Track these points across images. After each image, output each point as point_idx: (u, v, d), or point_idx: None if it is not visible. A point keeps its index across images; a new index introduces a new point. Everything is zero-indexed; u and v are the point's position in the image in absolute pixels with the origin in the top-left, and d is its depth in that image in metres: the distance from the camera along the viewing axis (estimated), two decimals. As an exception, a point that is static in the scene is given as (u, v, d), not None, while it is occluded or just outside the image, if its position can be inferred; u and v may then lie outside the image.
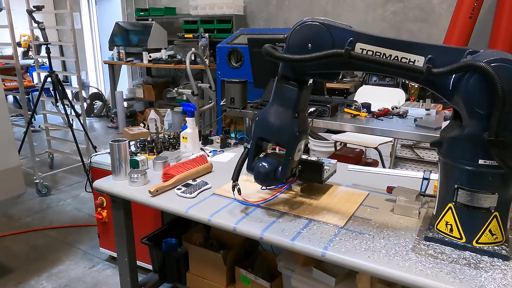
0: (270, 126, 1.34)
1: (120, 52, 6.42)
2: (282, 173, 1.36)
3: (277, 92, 1.34)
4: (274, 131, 1.34)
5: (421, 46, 1.16)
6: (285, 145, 1.36)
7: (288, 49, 1.25)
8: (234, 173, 1.43)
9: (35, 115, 5.10)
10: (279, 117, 1.33)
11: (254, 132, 1.38)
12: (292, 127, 1.33)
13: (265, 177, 1.37)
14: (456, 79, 1.12)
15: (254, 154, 1.40)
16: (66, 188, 4.12)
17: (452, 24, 4.19)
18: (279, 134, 1.34)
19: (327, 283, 1.61)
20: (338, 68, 1.30)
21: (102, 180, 1.77)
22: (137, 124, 6.43)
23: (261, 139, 1.39)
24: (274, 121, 1.33)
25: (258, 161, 1.38)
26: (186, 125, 2.09)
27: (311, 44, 1.21)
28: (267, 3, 5.84)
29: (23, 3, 3.87)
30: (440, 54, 1.15)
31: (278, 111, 1.33)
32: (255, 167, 1.38)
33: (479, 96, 1.07)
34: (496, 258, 1.15)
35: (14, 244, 3.06)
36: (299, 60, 1.21)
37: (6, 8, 3.51)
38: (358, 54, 1.18)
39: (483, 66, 1.03)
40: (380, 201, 1.54)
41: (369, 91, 3.93)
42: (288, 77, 1.30)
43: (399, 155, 3.77)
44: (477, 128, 1.10)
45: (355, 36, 1.19)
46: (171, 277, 2.19)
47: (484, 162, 1.12)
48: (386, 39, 1.19)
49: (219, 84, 4.46)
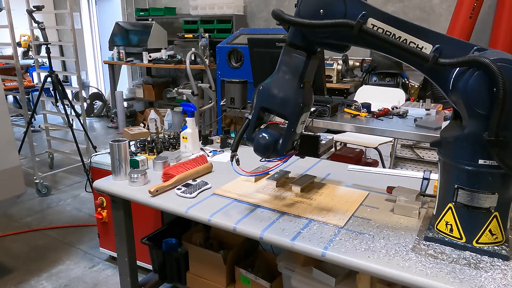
0: (274, 95, 1.29)
1: (120, 52, 6.42)
2: (282, 145, 1.32)
3: (283, 60, 1.29)
4: (278, 101, 1.29)
5: (431, 34, 1.15)
6: (288, 116, 1.31)
7: (298, 14, 1.21)
8: (233, 143, 1.38)
9: (35, 115, 5.10)
10: (284, 86, 1.28)
11: (256, 102, 1.33)
12: (297, 97, 1.28)
13: (265, 149, 1.32)
14: (457, 75, 1.11)
15: (255, 125, 1.34)
16: (66, 188, 4.12)
17: (452, 24, 4.19)
18: (283, 104, 1.29)
19: (327, 283, 1.61)
20: (345, 41, 1.24)
21: (102, 180, 1.77)
22: (137, 124, 6.43)
23: (263, 109, 1.33)
24: (279, 90, 1.29)
25: (258, 132, 1.33)
26: (186, 125, 2.09)
27: (323, 10, 1.17)
28: (267, 3, 5.84)
29: (23, 3, 3.87)
30: (449, 45, 1.13)
31: (284, 79, 1.28)
32: (255, 138, 1.33)
33: (479, 95, 1.07)
34: (496, 258, 1.15)
35: (14, 244, 3.05)
36: (308, 25, 1.16)
37: (6, 8, 3.51)
38: (369, 29, 1.14)
39: (489, 63, 1.02)
40: (380, 201, 1.54)
41: (369, 91, 3.93)
42: (297, 44, 1.26)
43: (399, 155, 3.77)
44: (477, 128, 1.10)
45: (369, 10, 1.16)
46: (171, 277, 2.19)
47: (484, 162, 1.12)
48: (400, 20, 1.17)
49: (219, 84, 4.46)
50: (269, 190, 1.64)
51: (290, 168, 1.88)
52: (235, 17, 5.79)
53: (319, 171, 1.84)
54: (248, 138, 1.36)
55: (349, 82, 4.84)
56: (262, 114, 1.35)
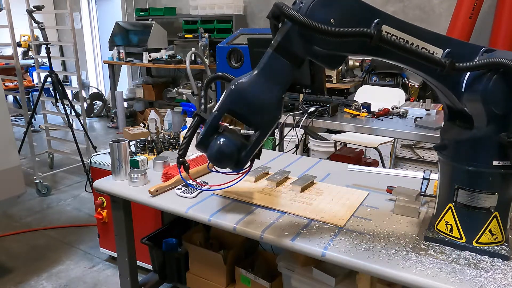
0: (249, 101, 1.13)
1: (120, 52, 6.42)
2: (246, 157, 1.18)
3: (269, 65, 1.12)
4: (253, 108, 1.13)
5: (441, 38, 1.11)
6: (261, 127, 1.16)
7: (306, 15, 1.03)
8: (181, 147, 1.22)
9: (35, 115, 5.10)
10: (263, 93, 1.13)
11: (225, 102, 1.14)
12: (275, 108, 1.15)
13: (228, 158, 1.16)
14: (472, 77, 1.09)
15: (214, 128, 1.16)
16: (66, 188, 4.12)
17: (452, 24, 4.19)
18: (258, 113, 1.14)
19: (327, 283, 1.60)
20: (354, 51, 1.10)
21: (102, 180, 1.77)
22: (137, 124, 6.42)
23: (230, 112, 1.15)
24: (256, 97, 1.13)
25: (218, 137, 1.15)
26: (186, 125, 2.09)
27: (340, 18, 1.03)
28: (267, 3, 5.84)
29: (23, 3, 3.87)
30: (458, 49, 1.11)
31: (264, 86, 1.12)
32: (213, 144, 1.15)
33: (499, 96, 1.04)
34: (496, 258, 1.15)
35: (14, 244, 3.05)
36: (325, 32, 0.99)
37: (6, 8, 3.51)
38: (389, 38, 1.03)
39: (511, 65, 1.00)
40: (380, 201, 1.54)
41: (369, 91, 3.93)
42: (288, 50, 1.09)
43: (399, 155, 3.77)
44: (494, 129, 1.08)
45: (383, 17, 1.07)
46: (171, 277, 2.19)
47: (498, 163, 1.11)
48: (412, 26, 1.10)
49: (219, 84, 4.46)
50: (269, 190, 1.64)
51: (290, 168, 1.88)
52: (235, 17, 5.79)
53: (319, 171, 1.84)
54: (202, 142, 1.17)
55: (349, 82, 4.84)
56: (222, 117, 1.18)
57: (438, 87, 1.19)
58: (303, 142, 4.43)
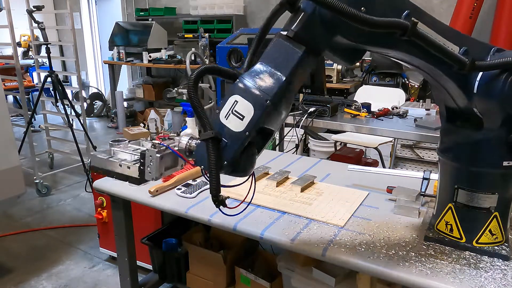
0: (284, 116, 1.01)
1: (120, 52, 6.42)
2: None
3: (299, 65, 0.96)
4: (279, 122, 1.02)
5: (458, 36, 1.08)
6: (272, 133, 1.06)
7: None
8: (212, 187, 1.00)
9: (35, 115, 5.10)
10: (291, 100, 1.02)
11: (259, 120, 0.95)
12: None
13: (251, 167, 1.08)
14: (486, 78, 1.06)
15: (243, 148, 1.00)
16: (66, 188, 4.12)
17: (452, 24, 4.19)
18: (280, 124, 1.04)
19: (327, 283, 1.60)
20: (379, 44, 1.01)
21: (102, 180, 1.77)
22: (137, 124, 6.43)
23: (260, 132, 0.99)
24: (289, 107, 1.02)
25: (248, 154, 1.02)
26: (186, 125, 2.09)
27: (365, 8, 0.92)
28: (267, 3, 5.84)
29: (23, 3, 3.87)
30: (472, 47, 1.08)
31: (294, 93, 1.03)
32: (245, 162, 1.04)
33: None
34: (496, 258, 1.15)
35: (14, 244, 3.05)
36: (359, 19, 0.88)
37: (6, 8, 3.51)
38: (421, 32, 0.96)
39: None
40: (380, 201, 1.54)
41: (369, 91, 3.93)
42: (306, 41, 0.95)
43: (399, 155, 3.77)
44: (505, 130, 1.08)
45: (413, 10, 0.98)
46: (171, 277, 2.19)
47: (508, 163, 1.10)
48: (436, 21, 1.05)
49: (219, 84, 4.46)
50: (269, 190, 1.64)
51: (290, 168, 1.88)
52: (235, 17, 5.79)
53: (319, 171, 1.84)
54: (234, 162, 1.00)
55: (349, 82, 4.84)
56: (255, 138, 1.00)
57: (446, 86, 1.13)
58: (303, 142, 4.43)
